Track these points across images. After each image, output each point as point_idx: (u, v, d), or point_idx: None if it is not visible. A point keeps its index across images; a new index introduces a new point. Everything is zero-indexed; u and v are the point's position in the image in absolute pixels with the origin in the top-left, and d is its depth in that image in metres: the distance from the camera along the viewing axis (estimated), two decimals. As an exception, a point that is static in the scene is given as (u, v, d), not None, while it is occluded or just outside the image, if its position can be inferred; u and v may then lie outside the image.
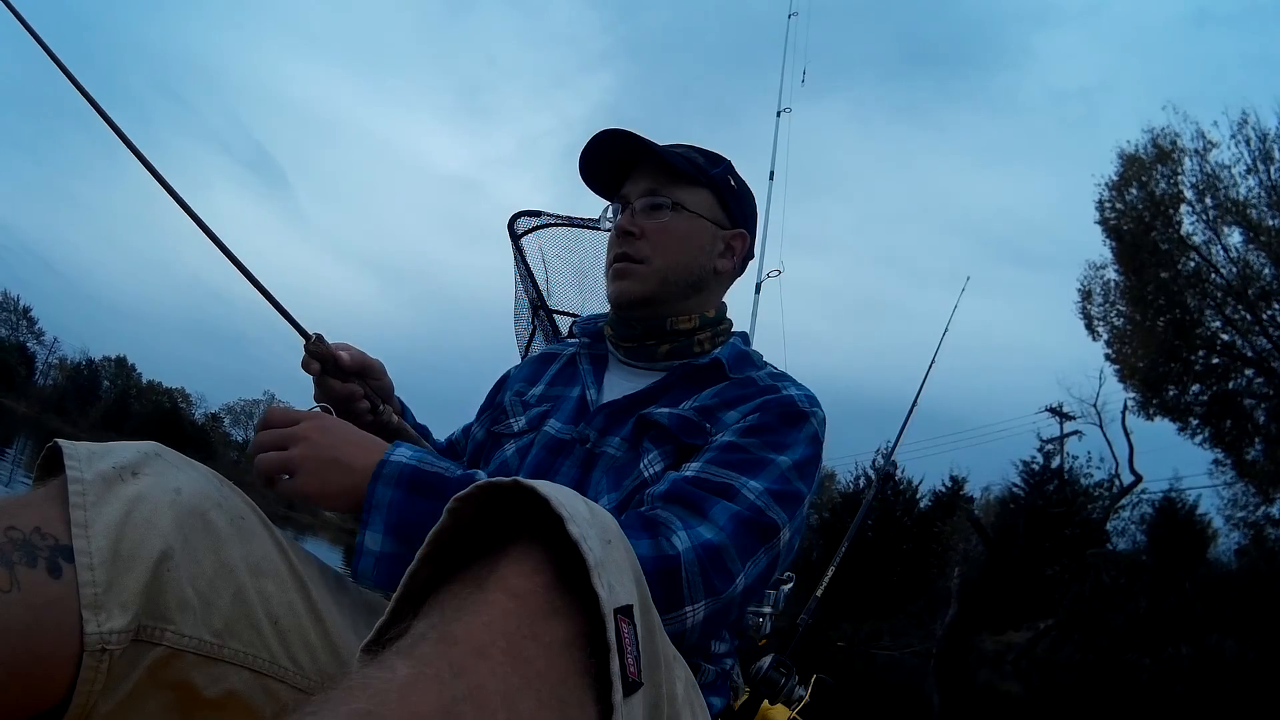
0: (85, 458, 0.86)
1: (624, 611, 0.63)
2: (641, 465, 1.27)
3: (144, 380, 67.76)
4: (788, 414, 1.29)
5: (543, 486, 0.66)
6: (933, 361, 2.94)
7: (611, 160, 1.42)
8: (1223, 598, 18.99)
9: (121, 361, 67.23)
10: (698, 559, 1.05)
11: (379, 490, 1.04)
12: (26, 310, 62.18)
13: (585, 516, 0.66)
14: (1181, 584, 20.08)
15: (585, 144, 1.41)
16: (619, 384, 1.44)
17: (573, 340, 1.65)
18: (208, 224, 1.20)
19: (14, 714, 0.76)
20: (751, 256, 1.53)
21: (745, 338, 1.49)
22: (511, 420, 1.48)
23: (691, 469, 1.20)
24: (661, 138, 1.41)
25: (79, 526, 0.80)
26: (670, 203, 1.37)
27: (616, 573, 0.65)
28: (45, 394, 60.66)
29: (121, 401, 62.29)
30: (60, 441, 0.87)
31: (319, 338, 1.26)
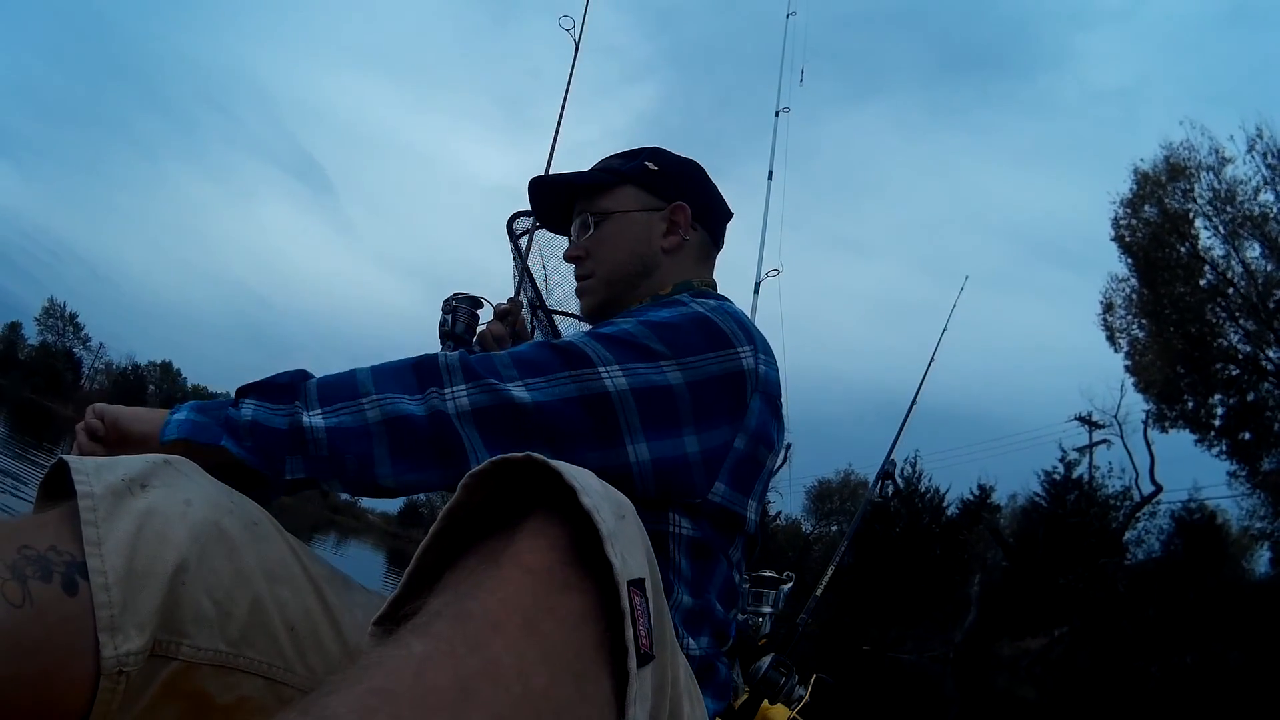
0: (93, 470, 0.85)
1: (636, 584, 0.63)
2: None
3: (189, 385, 68.64)
4: (667, 302, 1.28)
5: (555, 461, 0.66)
6: (931, 361, 3.03)
7: (556, 203, 1.51)
8: (1231, 607, 19.19)
9: (167, 366, 68.34)
10: (463, 359, 1.07)
11: (187, 402, 1.11)
12: (73, 316, 63.19)
13: (598, 490, 0.66)
14: (1187, 594, 20.31)
15: (528, 202, 1.53)
16: None
17: None
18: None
19: None
20: (715, 218, 1.52)
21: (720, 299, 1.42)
22: None
23: None
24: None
25: (91, 544, 0.79)
26: (592, 217, 1.43)
27: (629, 546, 0.65)
28: (92, 398, 57.53)
29: (168, 406, 61.11)
30: (66, 457, 0.86)
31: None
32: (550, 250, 1.92)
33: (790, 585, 1.74)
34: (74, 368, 62.53)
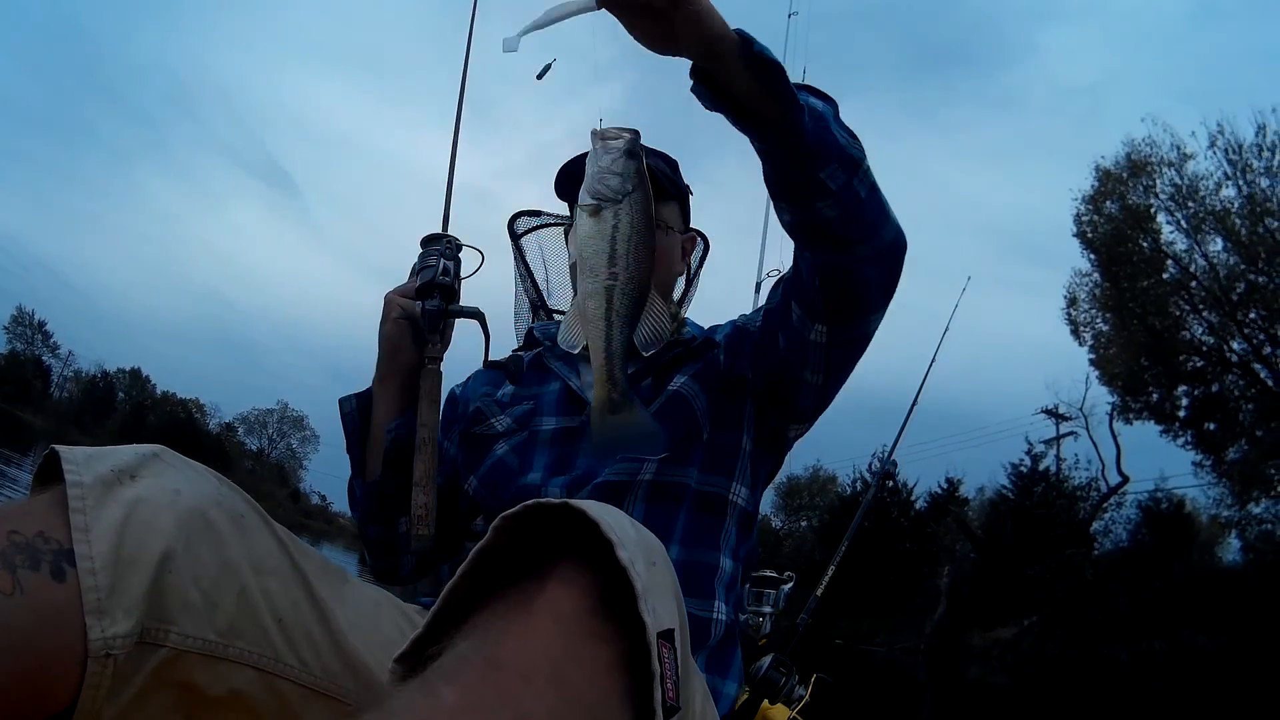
0: (83, 461, 0.85)
1: (665, 636, 0.63)
2: (669, 387, 1.38)
3: (159, 391, 67.50)
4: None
5: (591, 508, 0.66)
6: (933, 361, 2.98)
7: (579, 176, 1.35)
8: (1198, 595, 19.39)
9: (136, 373, 66.68)
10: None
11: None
12: (41, 324, 61.64)
13: (633, 539, 0.66)
14: (1155, 582, 20.53)
15: (563, 166, 1.46)
16: None
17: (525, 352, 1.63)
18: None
19: (21, 718, 0.75)
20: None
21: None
22: (493, 421, 1.47)
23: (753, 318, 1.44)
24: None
25: (79, 531, 0.79)
26: (664, 225, 1.41)
27: (660, 596, 0.66)
28: (61, 407, 59.93)
29: (137, 413, 61.94)
30: (57, 447, 0.86)
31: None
32: (550, 251, 1.92)
33: (790, 585, 1.75)
34: (43, 376, 61.25)
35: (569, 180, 1.45)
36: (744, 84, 1.04)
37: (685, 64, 1.05)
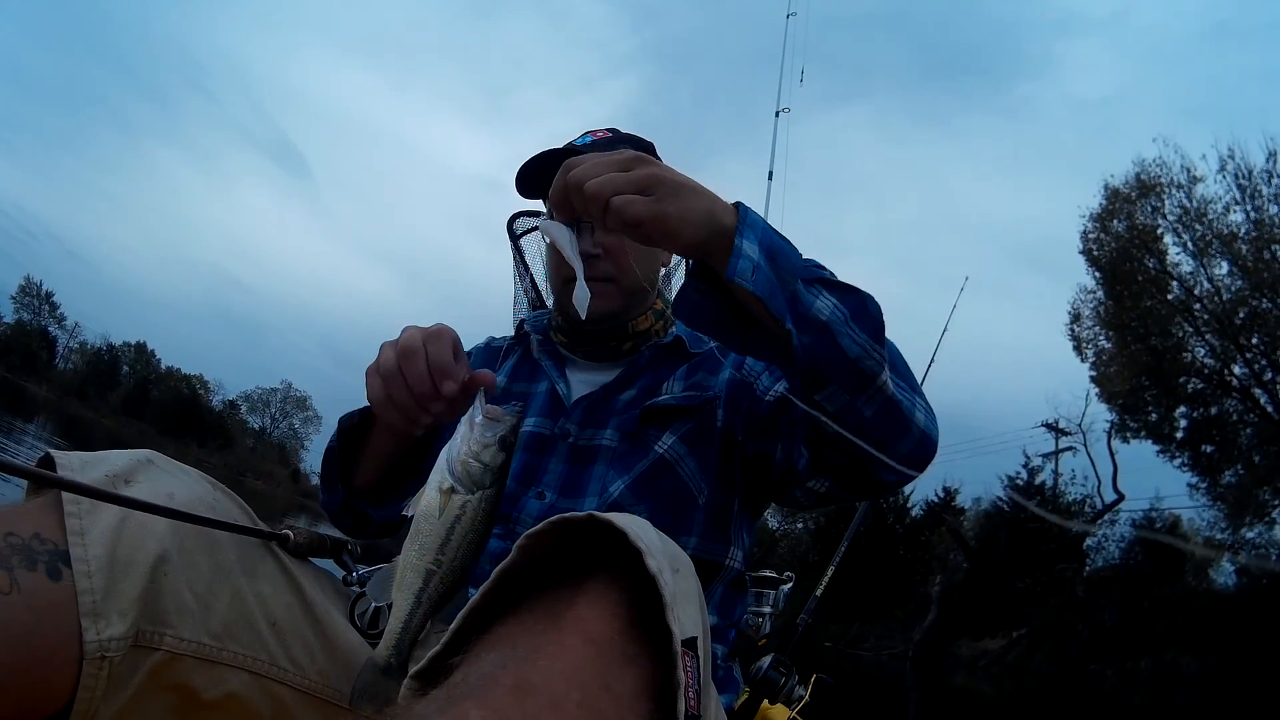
0: (78, 466, 0.86)
1: (689, 644, 0.63)
2: (655, 446, 1.29)
3: (163, 366, 67.61)
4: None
5: (619, 520, 0.66)
6: (931, 361, 2.94)
7: (546, 173, 1.22)
8: (1186, 616, 19.49)
9: (141, 347, 66.76)
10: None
11: (747, 213, 0.94)
12: (49, 295, 62.01)
13: (659, 548, 0.66)
14: (1144, 601, 20.64)
15: (521, 165, 1.34)
16: (585, 378, 1.44)
17: (502, 338, 1.61)
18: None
19: (18, 718, 0.75)
20: None
21: None
22: None
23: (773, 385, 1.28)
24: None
25: (75, 535, 0.80)
26: None
27: (685, 603, 0.66)
28: (66, 378, 60.01)
29: (141, 387, 62.22)
30: (52, 451, 0.86)
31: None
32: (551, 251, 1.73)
33: (790, 585, 1.74)
34: (49, 347, 61.35)
35: (531, 181, 1.37)
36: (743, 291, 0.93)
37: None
